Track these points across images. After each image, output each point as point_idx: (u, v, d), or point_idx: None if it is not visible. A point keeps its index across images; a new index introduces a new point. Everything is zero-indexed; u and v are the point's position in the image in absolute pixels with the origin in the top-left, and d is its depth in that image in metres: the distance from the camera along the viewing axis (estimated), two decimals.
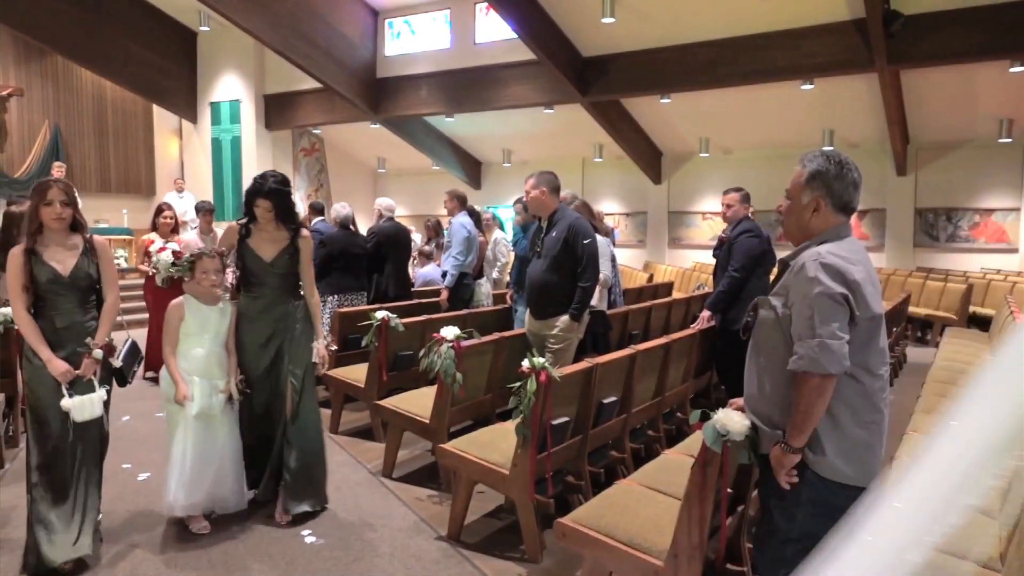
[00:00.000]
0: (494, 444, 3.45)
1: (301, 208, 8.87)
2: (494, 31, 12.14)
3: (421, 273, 8.13)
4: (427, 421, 4.06)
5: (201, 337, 3.48)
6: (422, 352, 3.95)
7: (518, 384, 3.18)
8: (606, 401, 3.71)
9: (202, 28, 13.47)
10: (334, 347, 4.62)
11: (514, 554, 3.32)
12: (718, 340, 4.85)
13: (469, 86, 12.42)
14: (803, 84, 10.31)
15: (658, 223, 14.75)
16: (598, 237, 4.83)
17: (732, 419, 2.20)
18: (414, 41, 13.19)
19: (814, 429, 2.03)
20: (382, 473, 4.32)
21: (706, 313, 4.86)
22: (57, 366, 2.99)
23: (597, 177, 15.03)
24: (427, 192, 16.03)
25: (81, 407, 3.01)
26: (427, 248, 8.71)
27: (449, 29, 12.82)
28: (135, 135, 15.36)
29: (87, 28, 12.40)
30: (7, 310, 4.65)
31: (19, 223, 6.20)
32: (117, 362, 3.25)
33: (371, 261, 6.52)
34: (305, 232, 3.70)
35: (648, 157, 14.16)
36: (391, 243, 6.60)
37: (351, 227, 6.52)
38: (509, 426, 3.41)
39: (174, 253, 6.12)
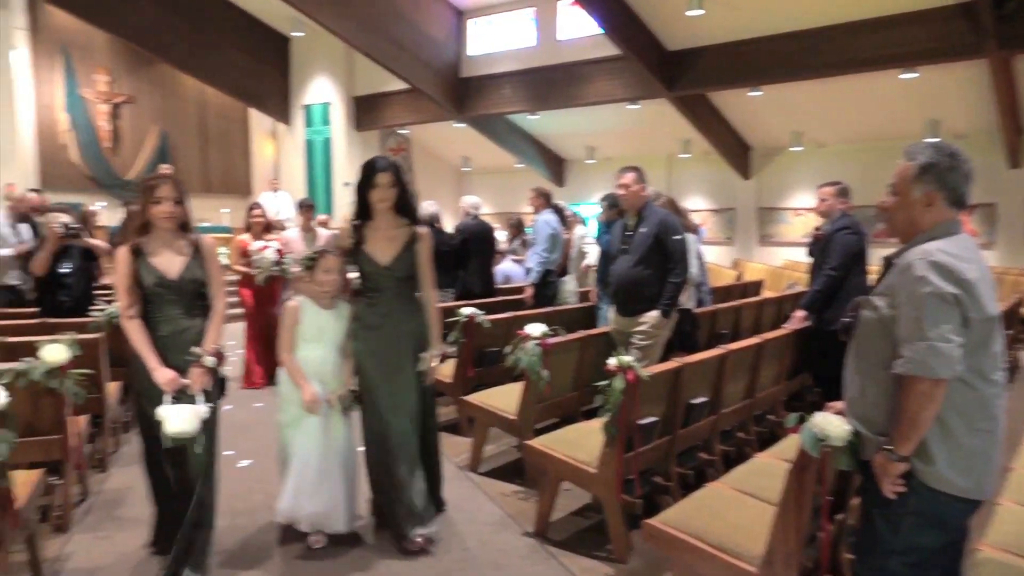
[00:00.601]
0: (580, 442, 3.44)
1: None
2: (578, 27, 12.09)
3: (500, 270, 8.19)
4: (513, 417, 4.09)
5: (317, 343, 3.29)
6: (508, 349, 3.99)
7: (604, 382, 3.16)
8: (695, 402, 3.64)
9: (295, 33, 13.99)
10: (447, 348, 3.99)
11: (601, 553, 3.31)
12: (814, 341, 4.67)
13: (553, 83, 12.41)
14: (903, 73, 9.79)
15: (747, 220, 14.33)
16: (687, 234, 4.75)
17: (832, 423, 2.12)
18: (497, 40, 13.29)
19: (923, 437, 1.93)
20: (468, 468, 4.38)
21: (800, 313, 4.69)
22: (163, 374, 2.82)
23: (683, 173, 14.73)
24: (511, 190, 16.13)
25: (175, 419, 2.76)
26: (507, 245, 8.76)
27: (533, 27, 12.85)
28: (234, 138, 16.12)
29: (191, 38, 13.08)
30: (116, 307, 4.98)
31: (129, 228, 6.62)
32: (225, 372, 3.08)
33: (457, 259, 6.62)
34: (423, 229, 3.37)
35: (736, 152, 13.78)
36: (477, 241, 6.68)
37: (437, 225, 6.63)
38: (595, 424, 3.39)
39: (278, 252, 6.20)
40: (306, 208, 7.02)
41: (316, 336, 3.30)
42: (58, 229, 5.08)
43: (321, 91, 14.97)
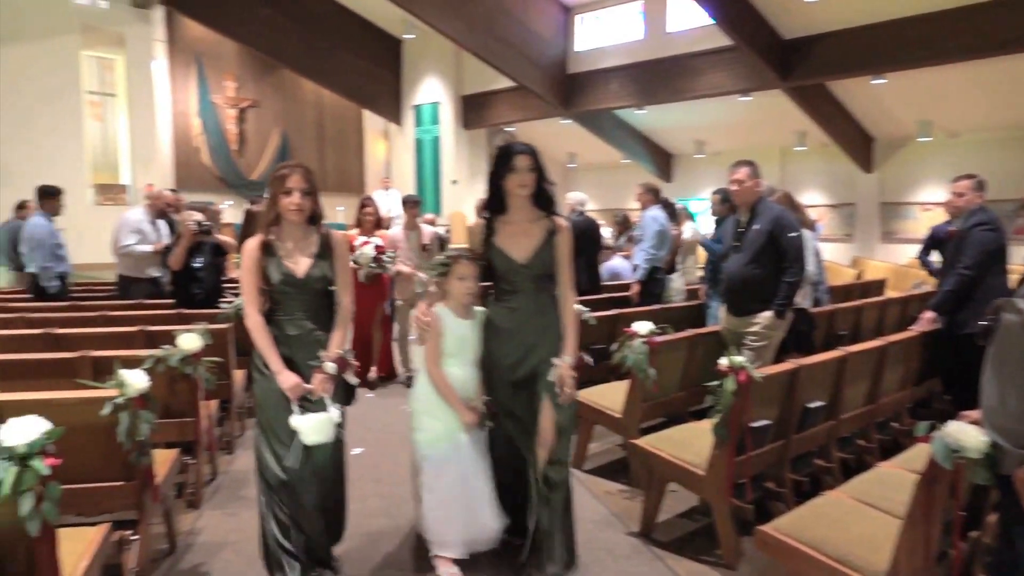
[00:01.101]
0: (688, 443, 3.37)
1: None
2: (687, 19, 11.81)
3: (607, 266, 8.12)
4: (618, 415, 4.05)
5: (458, 357, 2.99)
6: (614, 346, 3.95)
7: (715, 383, 3.08)
8: (811, 405, 3.48)
9: (406, 36, 14.40)
10: (588, 359, 3.44)
11: (708, 558, 3.22)
12: (944, 345, 4.36)
13: (661, 77, 12.19)
14: None
15: (868, 215, 13.55)
16: (803, 231, 4.55)
17: (967, 434, 1.97)
18: (605, 34, 13.18)
19: None
20: (573, 464, 4.37)
21: (930, 314, 4.39)
22: (287, 379, 2.69)
23: (798, 167, 14.10)
24: (617, 186, 15.97)
25: (312, 428, 2.64)
26: (613, 242, 8.68)
27: (641, 20, 12.66)
28: (348, 138, 16.81)
29: (310, 44, 13.74)
30: (242, 300, 5.29)
31: (259, 221, 7.03)
32: (353, 379, 2.88)
33: None
34: (563, 220, 3.00)
35: (857, 144, 13.04)
36: (583, 237, 6.63)
37: None
38: (705, 425, 3.31)
39: (376, 248, 5.88)
40: (411, 204, 6.74)
41: (457, 350, 2.99)
42: (192, 226, 5.45)
43: (431, 91, 15.34)
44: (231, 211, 12.51)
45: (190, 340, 3.54)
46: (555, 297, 3.01)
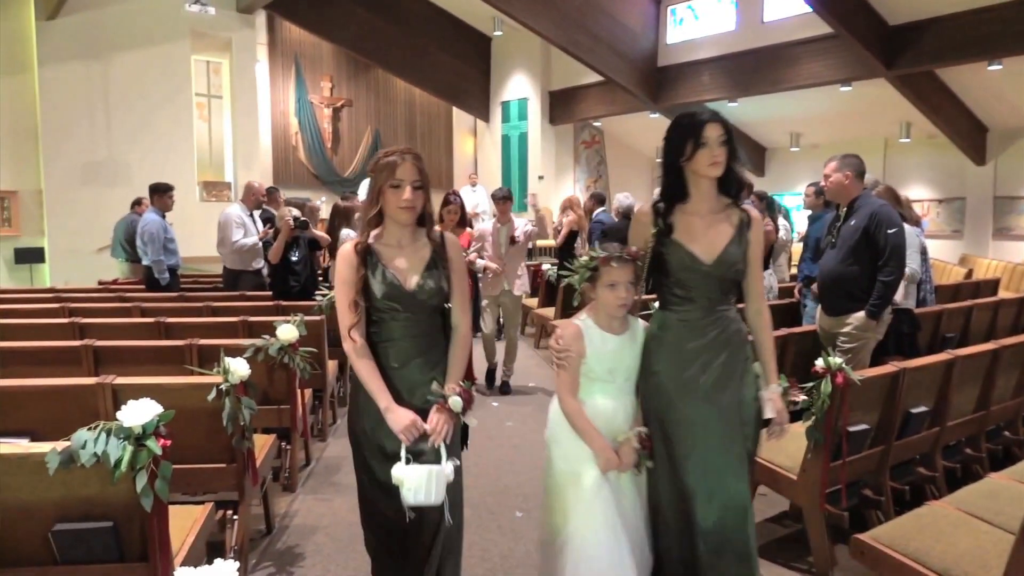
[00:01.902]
0: (780, 446, 3.24)
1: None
2: (784, 7, 11.39)
3: None
4: None
5: (607, 384, 2.38)
6: None
7: (810, 384, 2.97)
8: (915, 411, 3.31)
9: (495, 33, 14.52)
10: (797, 398, 2.79)
11: (800, 565, 3.12)
12: None
13: (755, 68, 11.81)
14: None
15: (980, 210, 12.71)
16: (907, 227, 4.32)
17: None
18: (697, 26, 12.87)
19: None
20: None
21: None
22: (400, 418, 2.15)
23: (902, 159, 13.38)
24: None
25: (418, 484, 2.09)
26: None
27: (735, 10, 12.30)
28: (437, 135, 17.10)
29: (403, 44, 14.08)
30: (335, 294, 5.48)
31: (345, 217, 7.26)
32: (472, 420, 2.38)
33: None
34: (755, 212, 2.42)
35: (969, 134, 12.24)
36: None
37: (632, 217, 6.57)
38: (799, 428, 3.20)
39: None
40: (501, 200, 6.31)
41: (606, 374, 2.37)
42: (290, 221, 5.69)
43: (518, 87, 15.41)
44: (325, 207, 12.98)
45: (288, 331, 3.69)
46: (740, 307, 2.45)
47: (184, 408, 2.40)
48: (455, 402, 2.20)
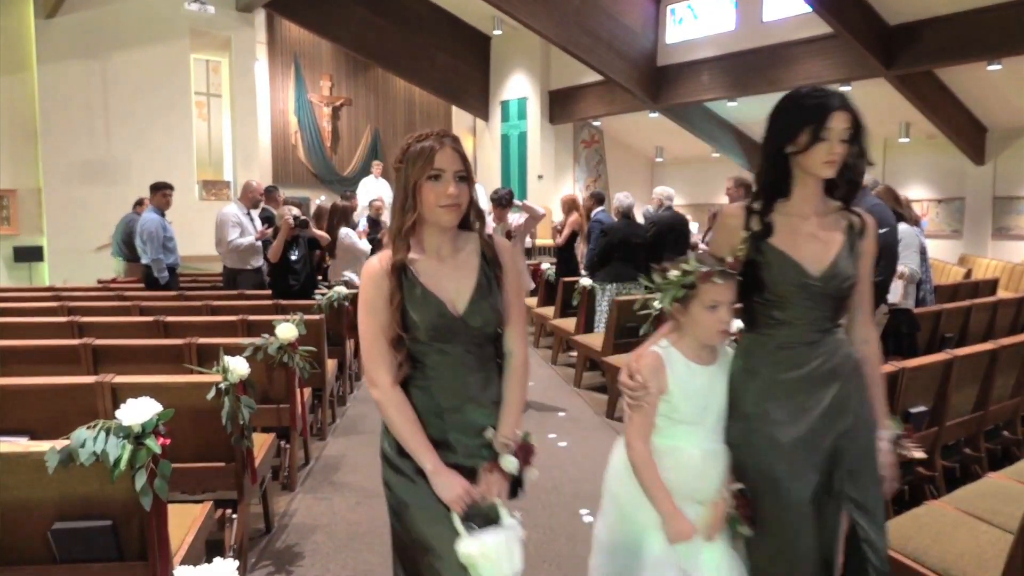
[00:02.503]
0: None
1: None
2: (783, 7, 11.40)
3: None
4: None
5: (697, 426, 1.90)
6: None
7: None
8: (913, 411, 3.31)
9: (495, 32, 14.52)
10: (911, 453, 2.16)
11: None
12: None
13: (755, 67, 11.82)
14: None
15: (979, 210, 12.72)
16: (904, 226, 4.34)
17: None
18: (696, 26, 12.88)
19: None
20: None
21: None
22: (450, 486, 1.73)
23: (902, 159, 13.38)
24: (705, 180, 15.59)
25: (496, 557, 1.68)
26: (701, 237, 8.52)
27: (734, 9, 12.31)
28: None
29: (403, 43, 14.07)
30: (338, 290, 5.48)
31: (344, 216, 7.25)
32: (533, 472, 1.85)
33: (650, 251, 6.53)
34: (869, 217, 2.02)
35: (969, 135, 12.25)
36: (670, 232, 6.54)
37: (631, 217, 6.58)
38: None
39: None
40: (499, 205, 5.93)
41: (696, 415, 1.90)
42: (290, 220, 5.69)
43: (518, 87, 15.41)
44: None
45: (287, 330, 3.69)
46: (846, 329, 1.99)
47: (183, 407, 2.40)
48: (509, 463, 1.77)
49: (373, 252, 8.90)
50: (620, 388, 1.98)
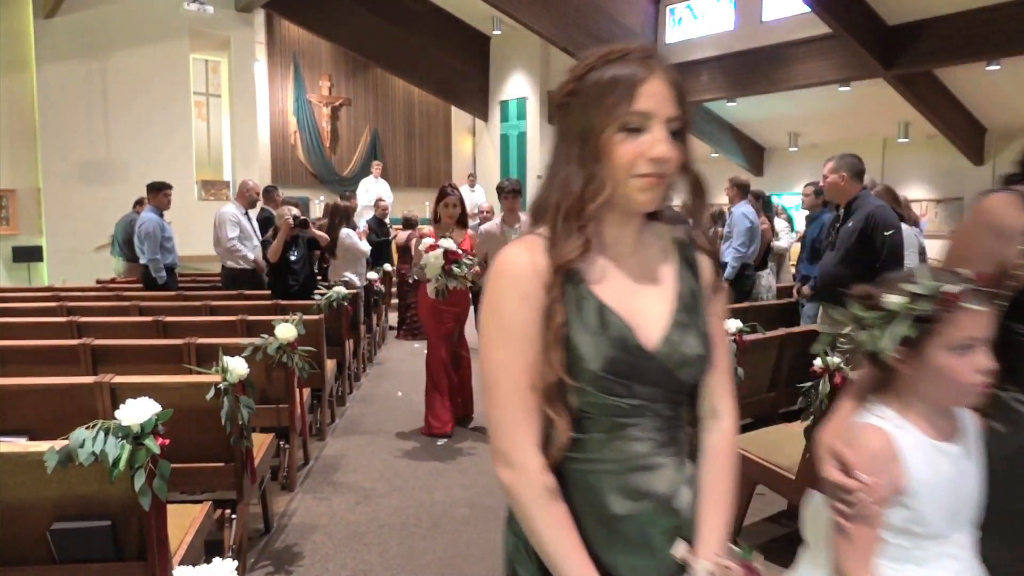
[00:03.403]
0: (779, 445, 3.27)
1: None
2: (783, 7, 11.41)
3: None
4: None
5: (943, 541, 1.28)
6: None
7: (808, 384, 2.97)
8: None
9: (494, 32, 14.53)
10: None
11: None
12: None
13: (754, 67, 11.83)
14: None
15: None
16: (905, 227, 4.34)
17: None
18: (696, 26, 12.90)
19: None
20: None
21: None
22: None
23: (901, 160, 13.40)
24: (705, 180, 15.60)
25: None
26: None
27: (733, 9, 12.32)
28: (436, 134, 17.12)
29: (402, 43, 14.07)
30: (337, 290, 5.47)
31: (345, 216, 7.24)
32: None
33: None
34: None
35: (968, 135, 12.27)
36: None
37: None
38: (796, 428, 3.20)
39: (448, 254, 4.53)
40: (508, 193, 5.14)
41: (945, 523, 1.28)
42: (290, 220, 5.68)
43: (517, 87, 15.41)
44: (321, 207, 12.99)
45: (286, 330, 3.69)
46: None
47: (182, 407, 2.40)
48: None
49: (375, 253, 8.94)
50: (829, 494, 1.28)
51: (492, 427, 1.12)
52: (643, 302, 1.13)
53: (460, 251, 4.58)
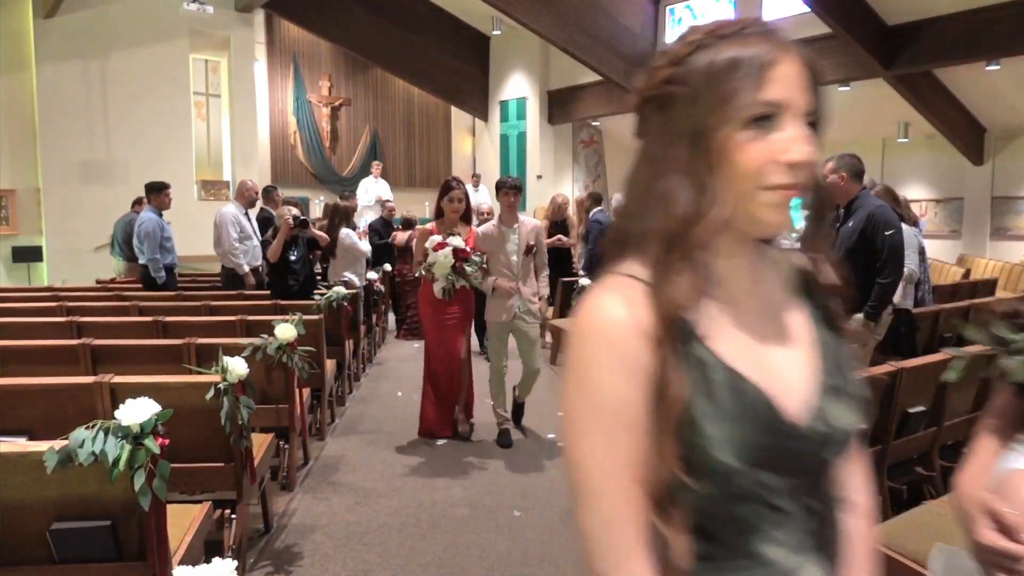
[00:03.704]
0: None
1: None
2: (782, 7, 11.42)
3: None
4: None
5: None
6: None
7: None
8: (912, 411, 3.32)
9: (494, 32, 14.53)
10: None
11: None
12: None
13: None
14: None
15: (978, 210, 12.73)
16: (905, 227, 4.33)
17: None
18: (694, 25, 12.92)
19: None
20: None
21: None
22: None
23: (900, 160, 13.40)
24: None
25: None
26: None
27: (733, 9, 12.33)
28: (436, 135, 17.12)
29: (402, 43, 14.08)
30: (337, 290, 5.48)
31: (345, 216, 7.24)
32: None
33: None
34: None
35: (967, 135, 12.27)
36: None
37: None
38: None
39: (457, 252, 4.45)
40: (508, 190, 4.77)
41: None
42: (290, 220, 5.68)
43: (517, 87, 15.42)
44: (321, 207, 12.98)
45: (286, 330, 3.69)
46: None
47: (182, 407, 2.40)
48: None
49: (377, 254, 8.89)
50: (985, 562, 1.02)
51: (589, 543, 0.81)
52: (776, 360, 0.84)
53: (468, 249, 4.51)
